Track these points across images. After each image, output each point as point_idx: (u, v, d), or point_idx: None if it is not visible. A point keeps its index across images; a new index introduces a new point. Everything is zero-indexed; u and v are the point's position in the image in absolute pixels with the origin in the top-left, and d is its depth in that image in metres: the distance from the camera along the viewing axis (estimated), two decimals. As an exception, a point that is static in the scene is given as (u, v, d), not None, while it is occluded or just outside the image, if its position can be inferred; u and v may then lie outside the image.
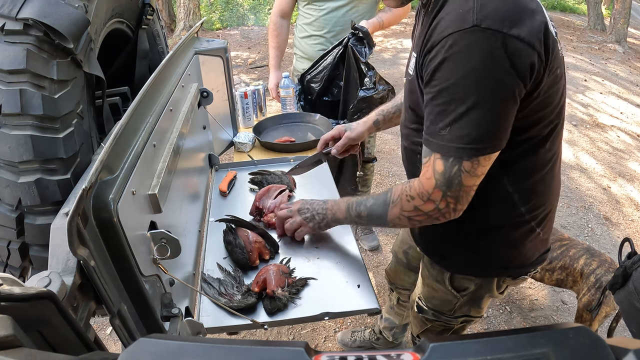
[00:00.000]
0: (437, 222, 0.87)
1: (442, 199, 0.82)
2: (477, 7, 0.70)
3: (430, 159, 0.82)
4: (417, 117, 0.92)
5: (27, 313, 0.40)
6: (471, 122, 0.73)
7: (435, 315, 1.13)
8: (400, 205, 0.89)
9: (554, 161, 0.91)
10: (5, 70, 0.70)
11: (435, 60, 0.75)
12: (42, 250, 0.79)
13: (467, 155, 0.76)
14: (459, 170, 0.78)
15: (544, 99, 0.78)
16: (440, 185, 0.81)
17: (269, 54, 2.16)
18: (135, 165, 0.73)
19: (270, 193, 1.31)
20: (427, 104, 0.80)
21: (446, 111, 0.75)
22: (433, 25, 0.77)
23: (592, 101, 4.93)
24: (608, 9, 10.23)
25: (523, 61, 0.70)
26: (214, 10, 9.42)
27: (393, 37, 7.53)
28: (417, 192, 0.85)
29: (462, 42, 0.70)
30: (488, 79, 0.71)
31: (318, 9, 1.96)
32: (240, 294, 1.01)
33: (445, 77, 0.74)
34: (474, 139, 0.74)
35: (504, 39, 0.68)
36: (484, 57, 0.69)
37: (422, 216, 0.87)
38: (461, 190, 0.80)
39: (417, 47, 0.84)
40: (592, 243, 2.63)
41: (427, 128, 0.81)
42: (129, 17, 1.20)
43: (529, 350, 0.29)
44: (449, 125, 0.75)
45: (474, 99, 0.72)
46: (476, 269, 1.01)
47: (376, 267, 2.40)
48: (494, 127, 0.75)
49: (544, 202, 0.93)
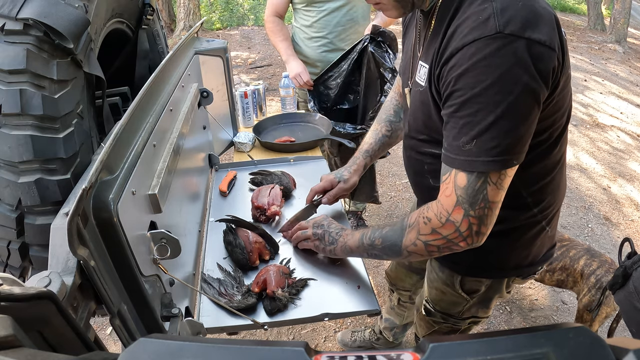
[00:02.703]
0: (457, 249, 0.80)
1: (464, 219, 0.75)
2: (497, 12, 0.67)
3: (450, 175, 0.76)
4: (426, 129, 0.89)
5: (27, 313, 0.40)
6: (500, 132, 0.69)
7: (444, 317, 1.13)
8: (417, 228, 0.82)
9: (562, 161, 0.91)
10: (5, 70, 0.70)
11: (456, 70, 0.71)
12: (42, 250, 0.79)
13: (495, 168, 0.72)
14: (485, 183, 0.72)
15: (557, 101, 0.77)
16: (462, 202, 0.74)
17: (278, 50, 2.06)
18: (135, 165, 0.73)
19: (262, 192, 1.31)
20: (448, 117, 0.75)
21: (471, 123, 0.71)
22: (449, 34, 0.74)
23: (592, 101, 4.93)
24: (608, 9, 10.22)
25: (546, 65, 0.69)
26: (214, 10, 9.42)
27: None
28: (435, 212, 0.78)
29: (486, 49, 0.67)
30: (515, 86, 0.68)
31: (318, 10, 1.94)
32: (240, 294, 1.01)
33: (470, 86, 0.69)
34: (503, 150, 0.70)
35: (528, 43, 0.67)
36: (511, 63, 0.67)
37: (440, 240, 0.79)
38: (486, 208, 0.74)
39: (429, 56, 0.81)
40: (592, 243, 2.63)
41: (448, 145, 0.76)
42: (129, 17, 1.20)
43: (529, 350, 0.29)
44: (475, 138, 0.71)
45: (503, 107, 0.68)
46: (488, 271, 1.00)
47: (376, 268, 2.40)
48: (522, 135, 0.71)
49: (554, 202, 0.93)
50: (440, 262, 1.06)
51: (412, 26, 0.96)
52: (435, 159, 0.89)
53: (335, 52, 2.01)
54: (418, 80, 0.87)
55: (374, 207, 2.93)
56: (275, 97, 4.48)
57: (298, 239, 1.13)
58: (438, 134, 0.83)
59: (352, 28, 1.98)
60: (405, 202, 3.00)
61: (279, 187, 1.34)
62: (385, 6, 0.84)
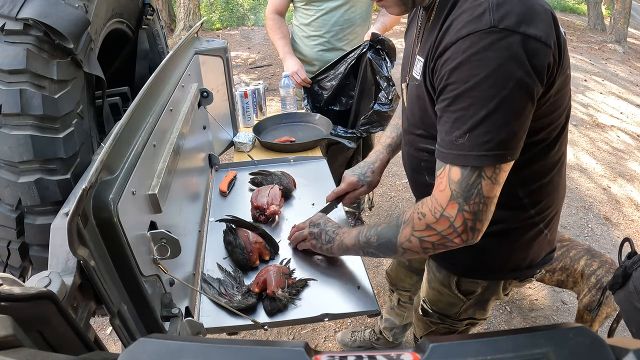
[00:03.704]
0: (452, 245, 0.79)
1: (458, 214, 0.74)
2: (493, 7, 0.68)
3: (444, 169, 0.75)
4: (423, 124, 0.89)
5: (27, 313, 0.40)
6: (492, 126, 0.69)
7: (441, 318, 1.12)
8: (412, 224, 0.81)
9: (561, 163, 0.90)
10: (5, 70, 0.70)
11: (450, 63, 0.71)
12: (42, 250, 0.79)
13: (489, 163, 0.71)
14: (479, 177, 0.72)
15: (554, 100, 0.76)
16: (456, 197, 0.74)
17: (276, 47, 2.07)
18: (135, 165, 0.73)
19: (262, 192, 1.31)
20: (442, 112, 0.75)
21: (464, 117, 0.70)
22: (444, 28, 0.74)
23: (592, 101, 4.93)
24: (608, 9, 10.22)
25: (541, 61, 0.68)
26: (214, 10, 9.43)
27: (393, 37, 7.50)
28: (430, 207, 0.78)
29: (480, 44, 0.67)
30: (509, 81, 0.67)
31: (316, 8, 1.95)
32: (240, 295, 1.01)
33: (463, 80, 0.69)
34: (496, 144, 0.70)
35: (522, 39, 0.66)
36: (505, 58, 0.67)
37: (435, 236, 0.79)
38: (480, 203, 0.73)
39: (425, 50, 0.81)
40: (592, 243, 2.63)
41: (441, 140, 0.76)
42: (129, 17, 1.20)
43: (529, 350, 0.29)
44: (468, 132, 0.70)
45: (496, 101, 0.68)
46: (485, 273, 1.00)
47: (376, 267, 2.40)
48: (516, 131, 0.71)
49: (552, 204, 0.92)
50: (438, 263, 1.06)
51: (414, 23, 0.96)
52: (431, 155, 0.89)
53: (332, 52, 2.01)
54: (415, 75, 0.87)
55: (374, 207, 2.93)
56: (275, 97, 4.48)
57: (296, 240, 1.13)
58: (434, 129, 0.83)
59: (349, 28, 1.99)
60: (405, 202, 3.00)
61: (278, 187, 1.34)
62: (388, 3, 0.84)
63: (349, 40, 2.01)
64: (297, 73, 1.99)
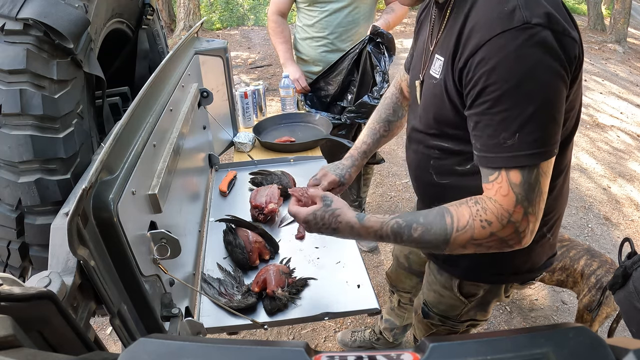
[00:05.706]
0: (505, 249, 0.77)
1: (524, 218, 0.73)
2: (522, 4, 0.68)
3: (500, 175, 0.73)
4: (436, 122, 0.87)
5: (27, 313, 0.40)
6: (541, 122, 0.69)
7: (442, 320, 1.12)
8: (472, 232, 0.76)
9: (567, 170, 0.90)
10: (5, 70, 0.70)
11: (486, 64, 0.69)
12: (42, 250, 0.79)
13: (543, 159, 0.71)
14: (538, 174, 0.71)
15: (570, 100, 0.76)
16: (522, 200, 0.72)
17: (277, 51, 2.09)
18: (135, 165, 0.73)
19: (260, 192, 1.32)
20: (480, 116, 0.73)
21: (510, 117, 0.69)
22: (469, 26, 0.73)
23: (592, 101, 4.93)
24: (608, 9, 10.22)
25: (571, 54, 0.69)
26: (214, 10, 9.42)
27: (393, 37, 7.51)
28: (496, 214, 0.74)
29: (516, 41, 0.66)
30: (549, 75, 0.68)
31: (320, 10, 1.95)
32: (240, 294, 1.01)
33: (504, 80, 0.68)
34: (547, 139, 0.70)
35: (555, 34, 0.67)
36: (543, 53, 0.67)
37: (493, 242, 0.76)
38: (540, 201, 0.73)
39: (446, 49, 0.79)
40: (592, 243, 2.63)
41: (482, 145, 0.74)
42: (129, 17, 1.20)
43: (529, 350, 0.29)
44: (518, 131, 0.69)
45: (540, 97, 0.68)
46: (487, 276, 1.00)
47: (376, 267, 2.40)
48: (559, 123, 0.71)
49: (554, 208, 0.92)
50: (439, 265, 1.06)
51: (426, 21, 0.95)
52: (442, 153, 0.89)
53: (336, 53, 2.01)
54: (432, 73, 0.86)
55: (374, 208, 2.93)
56: (275, 97, 4.47)
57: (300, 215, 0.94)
58: (449, 127, 0.82)
59: (353, 29, 1.99)
60: (405, 202, 3.00)
61: (277, 187, 1.35)
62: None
63: (352, 42, 2.00)
64: (297, 80, 2.03)
